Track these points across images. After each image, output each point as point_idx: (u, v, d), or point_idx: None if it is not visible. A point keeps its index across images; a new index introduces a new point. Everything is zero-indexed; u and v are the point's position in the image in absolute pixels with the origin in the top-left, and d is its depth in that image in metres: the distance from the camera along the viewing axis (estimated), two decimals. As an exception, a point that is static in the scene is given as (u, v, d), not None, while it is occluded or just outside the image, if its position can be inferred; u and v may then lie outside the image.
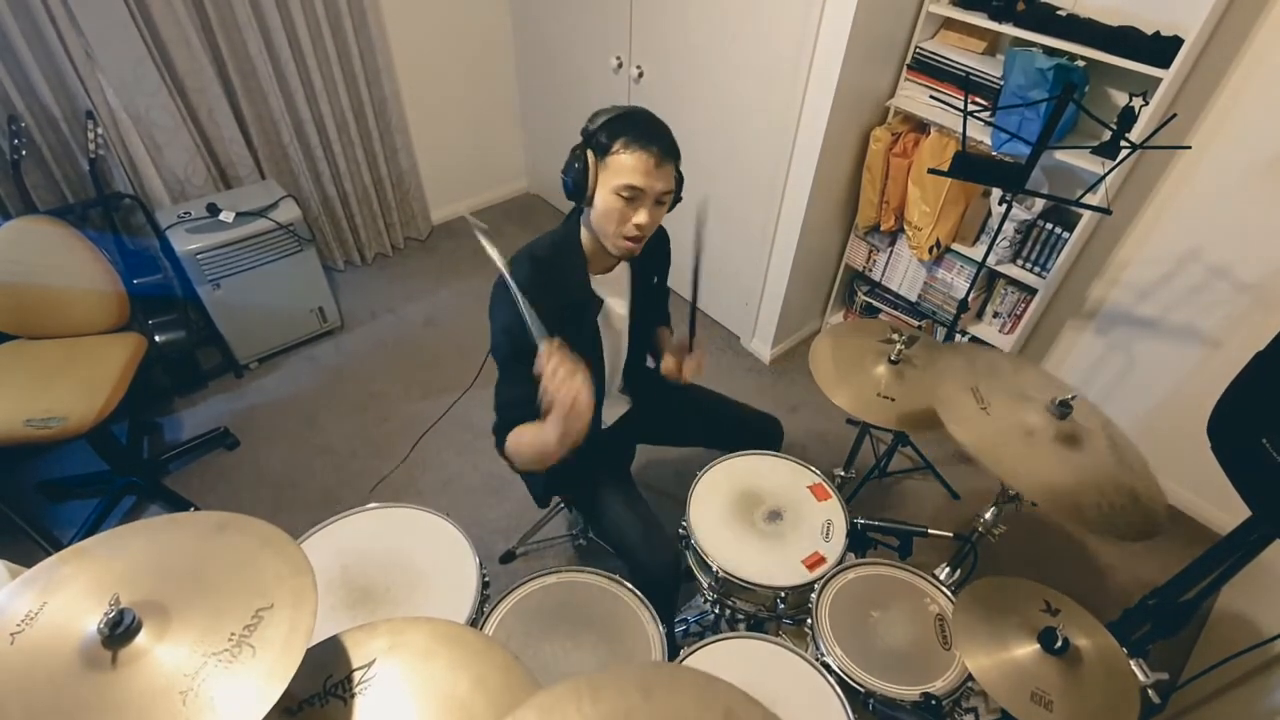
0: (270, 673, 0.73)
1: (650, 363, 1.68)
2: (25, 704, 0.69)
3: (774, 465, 1.61)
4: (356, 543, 1.36)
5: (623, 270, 1.45)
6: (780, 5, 2.09)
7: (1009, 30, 1.96)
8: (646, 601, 1.33)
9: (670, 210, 1.32)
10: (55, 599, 0.78)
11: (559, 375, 1.08)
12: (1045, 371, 1.38)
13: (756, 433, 1.71)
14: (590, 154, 1.22)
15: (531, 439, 1.25)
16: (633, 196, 1.22)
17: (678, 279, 1.62)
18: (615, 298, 1.45)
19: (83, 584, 0.80)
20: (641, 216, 1.24)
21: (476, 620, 1.27)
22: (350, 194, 3.06)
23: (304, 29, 2.58)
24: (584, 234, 1.35)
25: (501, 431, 1.37)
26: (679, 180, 1.29)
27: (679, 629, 1.73)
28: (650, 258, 1.46)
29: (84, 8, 2.14)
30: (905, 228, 2.42)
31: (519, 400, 1.30)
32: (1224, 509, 2.25)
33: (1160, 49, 1.73)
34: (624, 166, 1.20)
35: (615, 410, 1.68)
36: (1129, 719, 1.04)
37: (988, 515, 1.49)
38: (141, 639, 0.74)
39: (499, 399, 1.39)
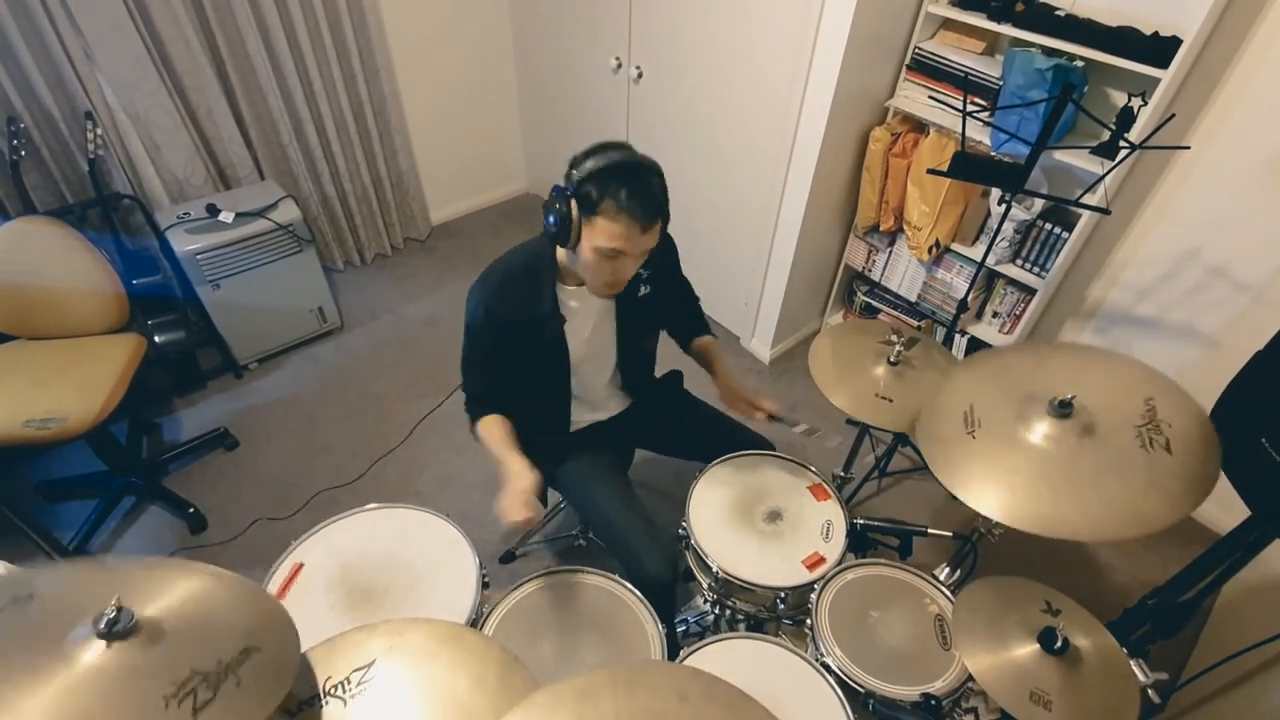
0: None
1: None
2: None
3: (773, 465, 1.61)
4: (356, 543, 1.36)
5: None
6: (779, 5, 2.09)
7: (1008, 30, 1.96)
8: (646, 601, 1.34)
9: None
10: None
11: (520, 507, 1.27)
12: (1079, 348, 1.29)
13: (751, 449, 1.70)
14: (575, 204, 1.18)
15: (493, 451, 1.42)
16: (615, 257, 1.21)
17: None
18: (588, 310, 1.44)
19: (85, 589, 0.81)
20: (624, 272, 1.24)
21: (476, 620, 1.27)
22: (350, 194, 3.06)
23: (303, 29, 2.58)
24: (560, 251, 1.34)
25: (473, 412, 1.49)
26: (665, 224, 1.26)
27: (679, 629, 1.73)
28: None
29: (82, 8, 2.14)
30: (904, 228, 2.42)
31: (483, 394, 1.47)
32: (1223, 508, 2.25)
33: (1159, 49, 1.73)
34: (608, 231, 1.17)
35: (611, 408, 1.68)
36: (1129, 719, 1.04)
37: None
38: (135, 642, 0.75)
39: (466, 387, 1.50)
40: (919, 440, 1.20)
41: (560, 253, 1.34)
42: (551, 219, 1.21)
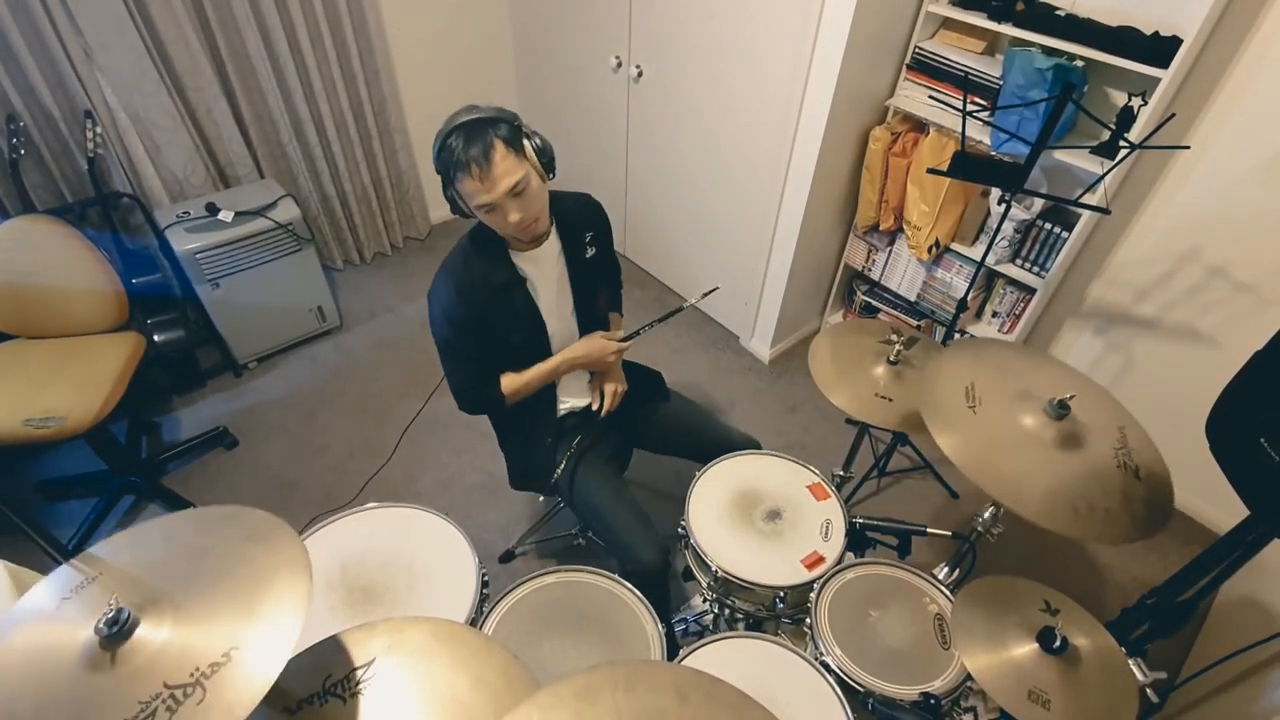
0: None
1: None
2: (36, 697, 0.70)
3: (773, 465, 1.61)
4: (356, 543, 1.36)
5: (552, 244, 1.47)
6: (780, 5, 2.09)
7: (1008, 30, 1.96)
8: (645, 601, 1.34)
9: (551, 173, 1.34)
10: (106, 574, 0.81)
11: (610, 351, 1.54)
12: (1067, 366, 1.34)
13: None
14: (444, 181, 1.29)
15: (540, 376, 1.51)
16: (493, 209, 1.27)
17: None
18: (546, 272, 1.48)
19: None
20: (513, 215, 1.28)
21: (476, 620, 1.27)
22: (349, 193, 3.06)
23: (303, 28, 2.58)
24: None
25: (473, 407, 1.54)
26: (538, 148, 1.29)
27: (678, 629, 1.73)
28: (579, 228, 1.50)
29: (82, 7, 2.14)
30: (904, 227, 2.42)
31: (473, 381, 1.48)
32: (1222, 508, 2.25)
33: (1159, 49, 1.73)
34: (466, 193, 1.26)
35: (583, 396, 1.68)
36: (1127, 718, 1.04)
37: (986, 514, 1.49)
38: (138, 637, 0.75)
39: (454, 382, 1.50)
40: (920, 402, 1.24)
41: None
42: (452, 209, 1.33)
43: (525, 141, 1.27)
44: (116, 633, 0.73)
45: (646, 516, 1.53)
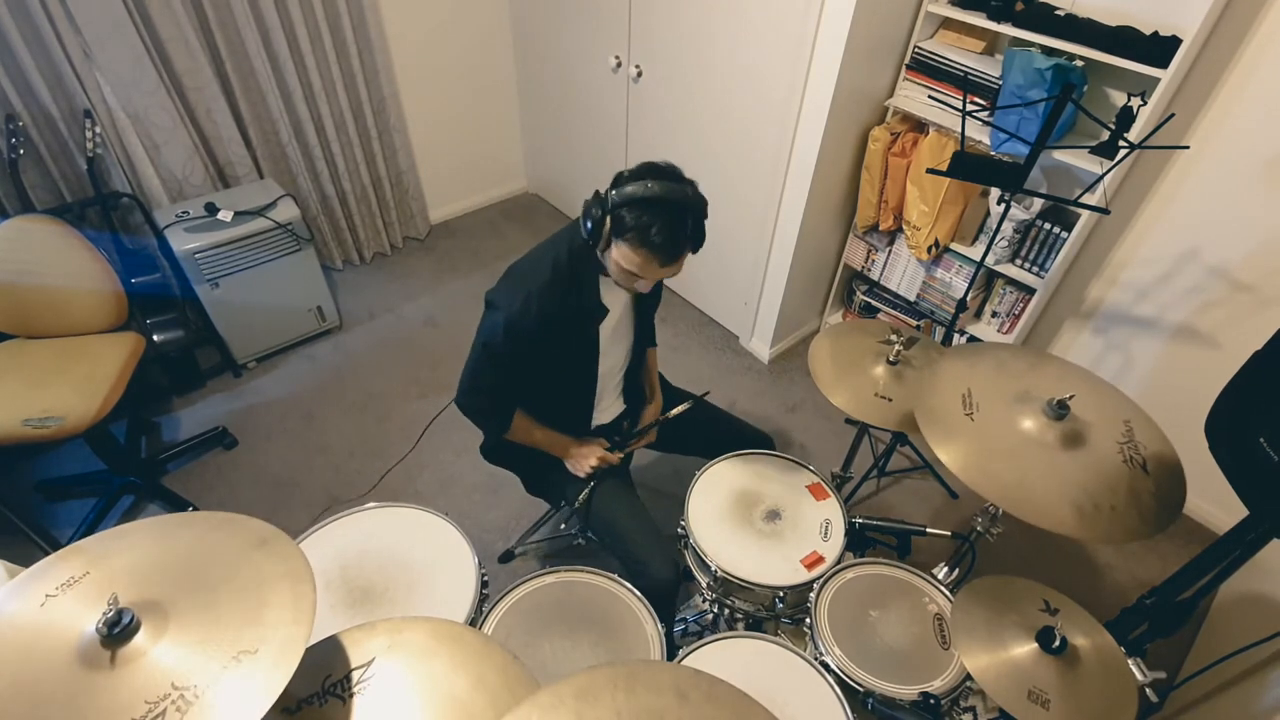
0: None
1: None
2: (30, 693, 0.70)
3: (772, 465, 1.61)
4: (356, 542, 1.36)
5: None
6: (779, 5, 2.09)
7: (1007, 30, 1.96)
8: (645, 601, 1.34)
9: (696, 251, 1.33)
10: (98, 570, 0.80)
11: (590, 463, 1.55)
12: (1065, 362, 1.33)
13: (750, 446, 1.71)
14: (608, 220, 1.21)
15: (539, 441, 1.58)
16: (633, 278, 1.27)
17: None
18: (618, 299, 1.47)
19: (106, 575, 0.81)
20: (643, 288, 1.31)
21: (475, 620, 1.27)
22: (349, 193, 3.05)
23: (302, 28, 2.58)
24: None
25: (500, 426, 1.54)
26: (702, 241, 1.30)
27: (677, 628, 1.73)
28: None
29: (82, 7, 2.14)
30: (904, 227, 2.42)
31: (485, 389, 1.47)
32: (1222, 508, 2.25)
33: (1158, 49, 1.73)
34: (629, 257, 1.23)
35: (611, 411, 1.69)
36: (1126, 718, 1.04)
37: (986, 514, 1.49)
38: (139, 639, 0.75)
39: (468, 381, 1.46)
40: (917, 413, 1.22)
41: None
42: (589, 224, 1.25)
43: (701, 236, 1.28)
44: (119, 633, 0.73)
45: (659, 531, 1.53)
